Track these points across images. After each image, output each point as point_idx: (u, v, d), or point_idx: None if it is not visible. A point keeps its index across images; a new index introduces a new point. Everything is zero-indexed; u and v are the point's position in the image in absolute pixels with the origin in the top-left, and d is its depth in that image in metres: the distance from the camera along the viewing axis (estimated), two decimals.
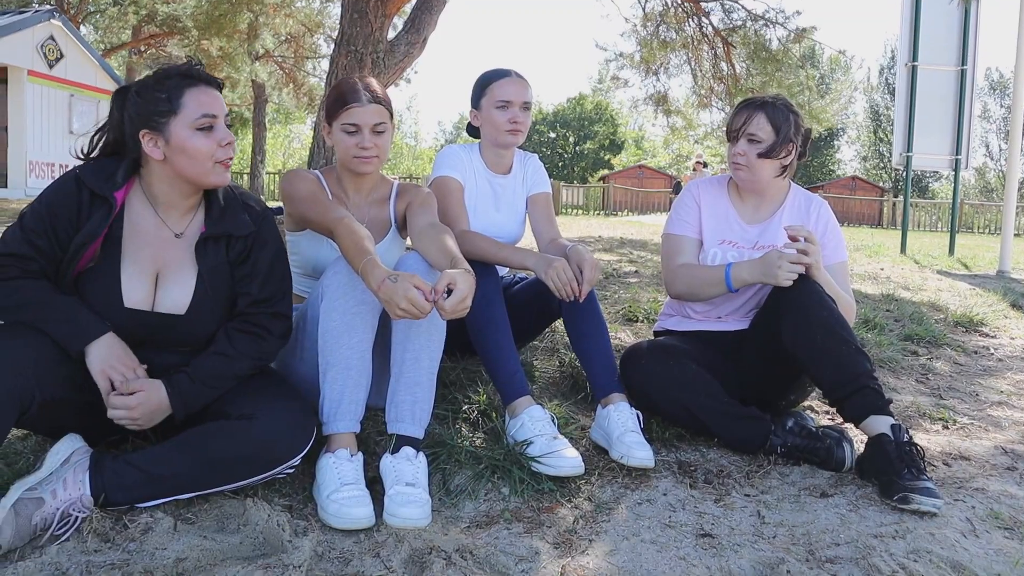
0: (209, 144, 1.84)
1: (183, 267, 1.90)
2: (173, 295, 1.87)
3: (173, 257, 1.90)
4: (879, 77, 45.74)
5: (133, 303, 1.83)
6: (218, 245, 1.93)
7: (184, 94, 1.83)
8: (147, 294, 1.85)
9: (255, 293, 1.95)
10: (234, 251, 1.95)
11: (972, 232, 25.78)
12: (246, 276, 1.95)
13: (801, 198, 2.58)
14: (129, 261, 1.85)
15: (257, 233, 1.97)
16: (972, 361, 3.60)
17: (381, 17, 5.58)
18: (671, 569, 1.66)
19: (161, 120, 1.81)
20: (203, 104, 1.83)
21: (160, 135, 1.82)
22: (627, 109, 34.30)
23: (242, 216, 1.96)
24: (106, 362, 1.75)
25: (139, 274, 1.85)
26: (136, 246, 1.86)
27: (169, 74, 1.85)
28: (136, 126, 1.83)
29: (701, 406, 2.28)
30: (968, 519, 1.94)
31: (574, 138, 50.82)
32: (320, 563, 1.62)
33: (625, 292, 4.22)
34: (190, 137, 1.82)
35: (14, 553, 1.58)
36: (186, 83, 1.84)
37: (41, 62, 13.99)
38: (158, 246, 1.89)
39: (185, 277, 1.89)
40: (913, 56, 7.76)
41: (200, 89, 1.85)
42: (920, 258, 7.49)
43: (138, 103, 1.83)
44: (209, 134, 1.84)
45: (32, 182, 13.89)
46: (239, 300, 1.95)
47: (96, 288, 1.82)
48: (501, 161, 2.72)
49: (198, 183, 1.88)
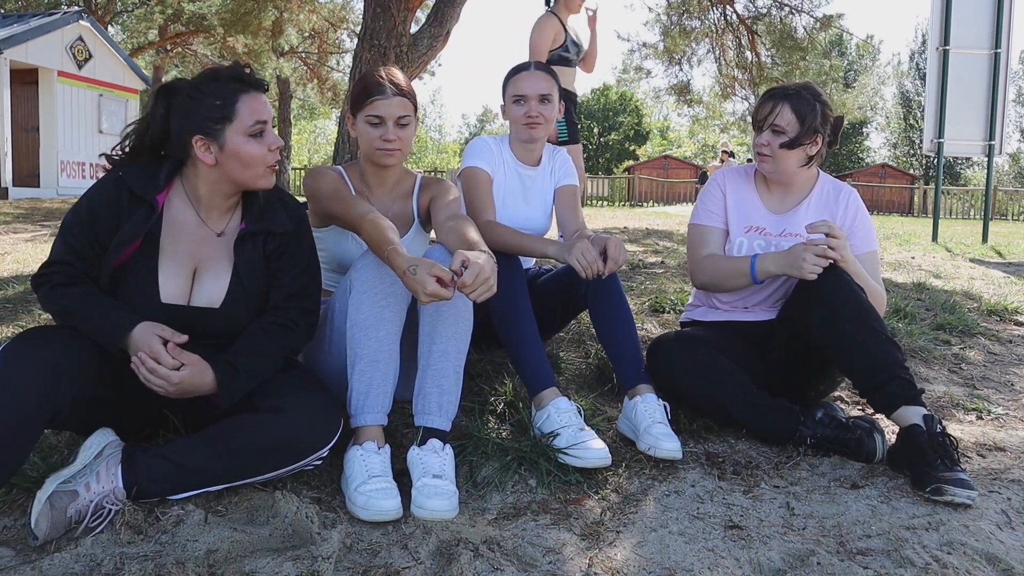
0: (261, 150, 1.87)
1: (220, 263, 1.93)
2: (209, 290, 1.91)
3: (210, 253, 1.93)
4: (909, 62, 44.99)
5: (169, 298, 1.87)
6: (255, 241, 1.96)
7: (238, 100, 1.84)
8: (184, 290, 1.89)
9: (288, 287, 1.98)
10: (271, 246, 1.98)
11: (1006, 219, 25.27)
12: (280, 271, 1.99)
13: (829, 187, 2.54)
14: (167, 258, 1.88)
15: (295, 230, 2.00)
16: (1006, 350, 3.53)
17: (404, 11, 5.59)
18: (699, 561, 1.65)
19: (216, 127, 1.83)
20: (256, 111, 1.86)
21: (214, 141, 1.84)
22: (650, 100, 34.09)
23: (280, 214, 1.99)
24: (145, 343, 1.75)
25: (177, 270, 1.89)
26: (175, 243, 1.90)
27: (220, 77, 1.86)
28: (188, 131, 1.84)
29: (729, 397, 2.26)
30: (1003, 511, 1.91)
31: (599, 129, 50.63)
32: (348, 555, 1.63)
33: (651, 283, 4.20)
34: (244, 144, 1.84)
35: (50, 545, 1.61)
36: (239, 89, 1.85)
37: (70, 63, 14.18)
38: (197, 243, 1.92)
39: (221, 272, 1.93)
40: (944, 40, 7.59)
41: (252, 95, 1.86)
42: (952, 246, 7.36)
43: (190, 108, 1.84)
44: (260, 140, 1.87)
45: (64, 181, 14.11)
46: (272, 294, 1.99)
47: (133, 284, 1.85)
48: (530, 154, 2.72)
49: (247, 187, 1.92)
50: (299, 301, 2.00)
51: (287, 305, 1.98)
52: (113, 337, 1.78)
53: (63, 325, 1.84)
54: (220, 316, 1.91)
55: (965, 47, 7.64)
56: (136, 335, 1.77)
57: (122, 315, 1.80)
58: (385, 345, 1.97)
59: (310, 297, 2.03)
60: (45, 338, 1.75)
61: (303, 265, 2.02)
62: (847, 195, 2.53)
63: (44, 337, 1.75)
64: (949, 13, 7.56)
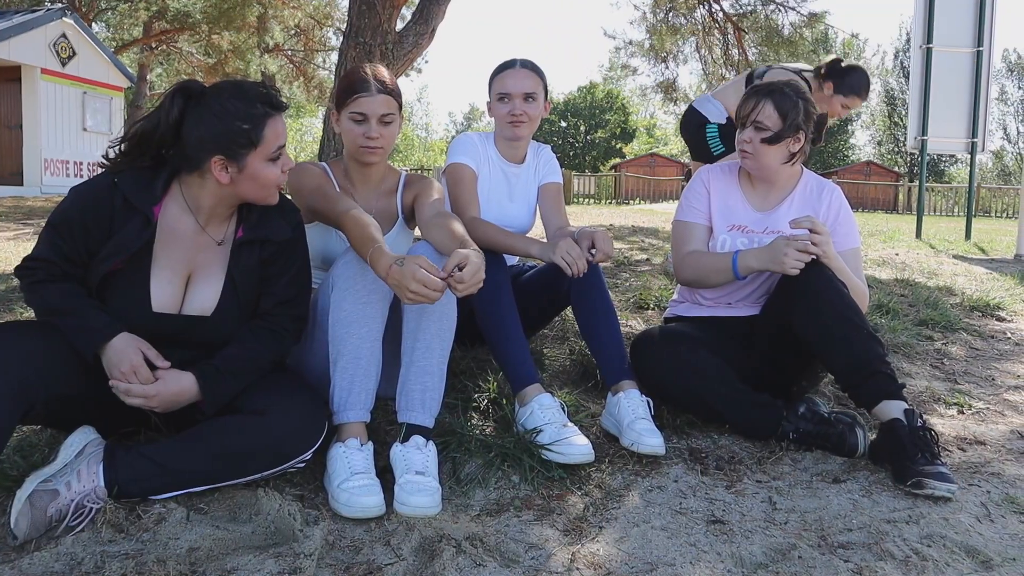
0: (277, 173, 1.86)
1: (213, 269, 1.91)
2: (201, 298, 1.88)
3: (205, 260, 1.91)
4: (894, 60, 45.31)
5: (161, 307, 1.84)
6: (252, 248, 1.94)
7: (265, 125, 1.81)
8: (176, 298, 1.87)
9: (280, 294, 1.97)
10: (266, 253, 1.96)
11: (989, 216, 25.45)
12: (273, 277, 1.97)
13: (813, 184, 2.56)
14: (160, 267, 1.85)
15: (291, 239, 1.99)
16: (988, 346, 3.56)
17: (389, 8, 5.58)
18: (682, 555, 1.66)
19: (241, 151, 1.79)
20: (279, 135, 1.84)
21: (234, 163, 1.80)
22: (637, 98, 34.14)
23: (279, 221, 1.97)
24: (122, 363, 1.75)
25: (170, 278, 1.86)
26: (169, 251, 1.86)
27: (248, 96, 1.80)
28: (209, 150, 1.78)
29: (712, 392, 2.27)
30: (983, 504, 1.93)
31: (585, 127, 50.66)
32: (331, 552, 1.63)
33: (636, 280, 4.21)
34: (263, 168, 1.83)
35: (30, 544, 1.60)
36: (267, 113, 1.81)
37: (54, 60, 14.05)
38: (193, 251, 1.89)
39: (214, 279, 1.91)
40: (928, 38, 7.64)
41: (275, 119, 1.83)
42: (936, 243, 7.41)
43: (214, 125, 1.77)
44: (277, 163, 1.86)
45: (47, 180, 13.98)
46: (263, 300, 1.97)
47: (123, 292, 1.82)
48: (515, 151, 2.72)
49: (252, 202, 1.91)
50: (290, 308, 1.99)
51: (278, 312, 1.97)
52: (91, 344, 1.75)
53: (42, 321, 1.81)
54: (211, 324, 1.89)
55: (948, 45, 7.69)
56: (116, 346, 1.75)
57: (104, 322, 1.77)
58: (367, 342, 1.97)
59: (300, 304, 2.03)
60: (19, 333, 1.73)
61: (295, 272, 2.00)
62: (830, 192, 2.54)
63: (18, 332, 1.74)
64: (932, 11, 7.60)
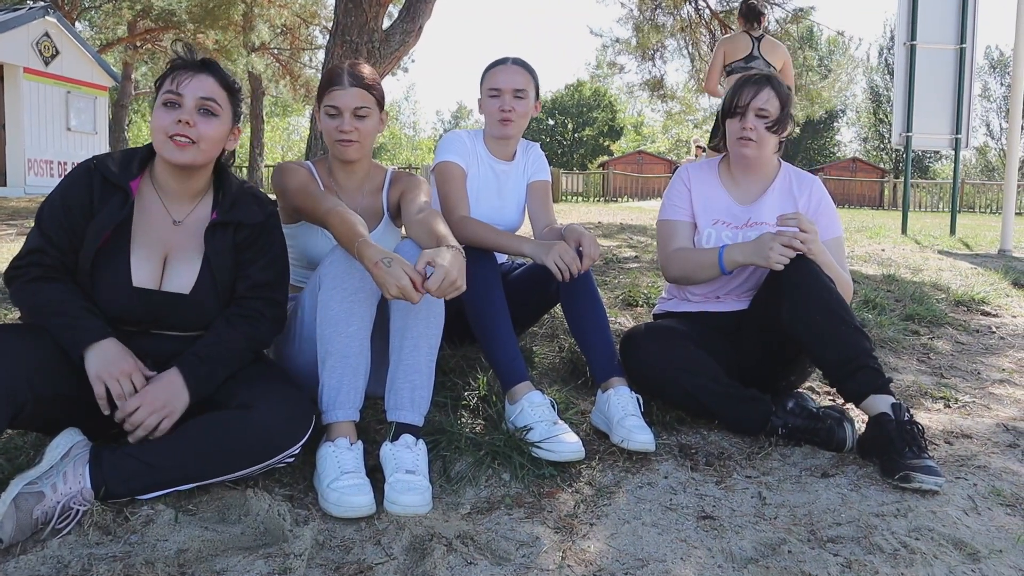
0: (167, 120, 1.87)
1: (190, 251, 1.95)
2: (179, 276, 1.93)
3: (180, 242, 1.95)
4: (879, 58, 45.49)
5: (141, 282, 1.89)
6: (226, 231, 1.98)
7: (167, 78, 1.91)
8: (155, 275, 1.91)
9: (254, 277, 1.99)
10: (240, 236, 1.99)
11: (974, 212, 25.66)
12: (248, 261, 2.00)
13: (792, 175, 2.57)
14: (138, 244, 1.91)
15: (264, 222, 2.02)
16: (974, 340, 3.59)
17: (376, 7, 5.56)
18: (672, 551, 1.66)
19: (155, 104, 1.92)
20: (177, 83, 1.89)
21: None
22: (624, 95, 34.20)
23: (252, 206, 2.02)
24: (103, 368, 1.76)
25: (148, 257, 1.91)
26: (146, 231, 1.92)
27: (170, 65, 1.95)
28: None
29: (701, 388, 2.27)
30: (970, 497, 1.94)
31: (573, 125, 50.69)
32: (321, 552, 1.62)
33: (625, 277, 4.21)
34: (155, 113, 1.90)
35: (16, 547, 1.58)
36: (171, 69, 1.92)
37: (37, 59, 13.91)
38: (165, 232, 1.95)
39: (191, 260, 1.95)
40: (912, 35, 7.69)
41: (179, 73, 1.90)
42: (921, 238, 7.46)
43: None
44: (171, 111, 1.88)
45: (31, 180, 13.85)
46: (238, 284, 1.99)
47: (107, 269, 1.86)
48: (504, 148, 2.71)
49: (166, 161, 1.91)
50: (265, 292, 2.00)
51: (252, 295, 1.99)
52: (77, 344, 1.77)
53: (29, 324, 1.82)
54: (190, 302, 1.92)
55: (931, 42, 7.74)
56: (107, 349, 1.77)
57: (96, 325, 1.79)
58: (355, 341, 1.96)
59: (277, 289, 2.03)
60: (6, 335, 1.73)
61: (271, 257, 2.02)
62: (810, 183, 2.56)
63: (5, 334, 1.73)
64: (916, 9, 7.65)
